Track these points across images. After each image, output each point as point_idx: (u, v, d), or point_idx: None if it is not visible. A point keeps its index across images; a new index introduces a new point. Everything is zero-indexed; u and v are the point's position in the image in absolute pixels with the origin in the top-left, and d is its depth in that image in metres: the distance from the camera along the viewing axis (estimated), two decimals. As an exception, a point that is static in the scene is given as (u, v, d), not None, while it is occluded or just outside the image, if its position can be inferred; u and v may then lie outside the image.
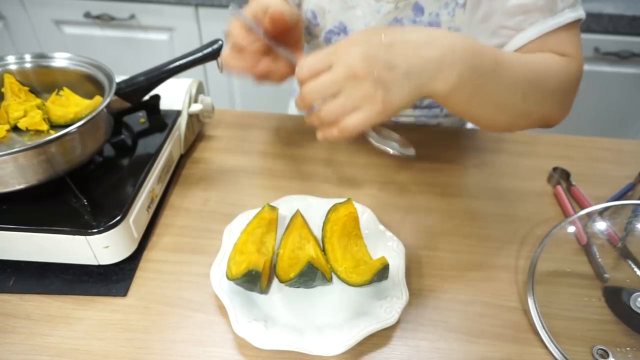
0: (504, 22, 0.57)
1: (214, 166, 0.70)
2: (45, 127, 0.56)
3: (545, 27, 0.54)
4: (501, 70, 0.44)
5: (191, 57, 0.60)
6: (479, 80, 0.43)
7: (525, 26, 0.55)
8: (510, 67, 0.46)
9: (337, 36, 0.71)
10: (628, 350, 0.46)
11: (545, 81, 0.51)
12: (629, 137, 1.51)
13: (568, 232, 0.58)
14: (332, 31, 0.71)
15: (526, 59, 0.50)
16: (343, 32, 0.70)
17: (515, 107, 0.49)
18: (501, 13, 0.57)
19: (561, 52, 0.55)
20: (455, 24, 0.63)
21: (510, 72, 0.46)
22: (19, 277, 0.52)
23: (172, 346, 0.46)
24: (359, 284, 0.49)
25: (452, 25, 0.63)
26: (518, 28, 0.56)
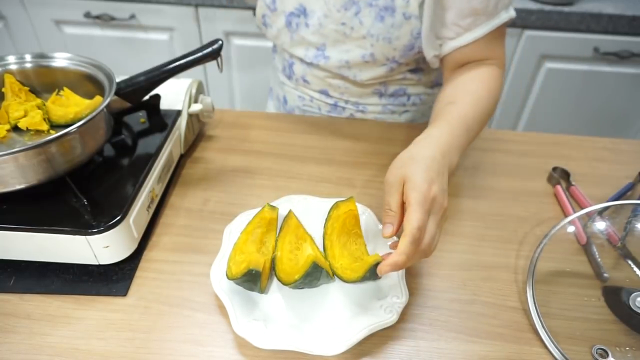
0: (457, 21, 0.63)
1: (214, 166, 0.70)
2: (46, 127, 0.56)
3: (487, 28, 0.62)
4: (471, 132, 0.57)
5: (191, 57, 0.60)
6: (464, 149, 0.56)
7: (472, 27, 0.63)
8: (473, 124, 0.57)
9: (297, 18, 0.72)
10: (627, 350, 0.47)
11: (493, 107, 0.62)
12: (628, 137, 1.51)
13: (568, 231, 0.58)
14: (293, 13, 0.71)
15: (479, 104, 0.59)
16: (302, 14, 0.71)
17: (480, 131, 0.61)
18: (456, 11, 0.62)
19: (492, 52, 0.65)
20: (409, 11, 0.65)
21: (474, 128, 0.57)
22: (19, 277, 0.52)
23: (172, 346, 0.46)
24: (352, 280, 0.49)
25: (407, 11, 0.65)
26: (466, 28, 0.63)
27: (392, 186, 0.47)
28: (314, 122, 0.81)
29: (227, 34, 1.45)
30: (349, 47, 0.71)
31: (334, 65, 0.74)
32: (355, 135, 0.77)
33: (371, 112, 0.82)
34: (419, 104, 0.83)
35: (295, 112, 0.88)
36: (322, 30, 0.71)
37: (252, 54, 1.49)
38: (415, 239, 0.42)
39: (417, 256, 0.44)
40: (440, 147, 0.50)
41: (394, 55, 0.70)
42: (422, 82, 0.80)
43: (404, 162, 0.48)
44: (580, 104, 1.48)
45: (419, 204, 0.43)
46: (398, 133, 0.78)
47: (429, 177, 0.45)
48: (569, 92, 1.45)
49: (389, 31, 0.67)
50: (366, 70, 0.73)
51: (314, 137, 0.76)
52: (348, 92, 0.80)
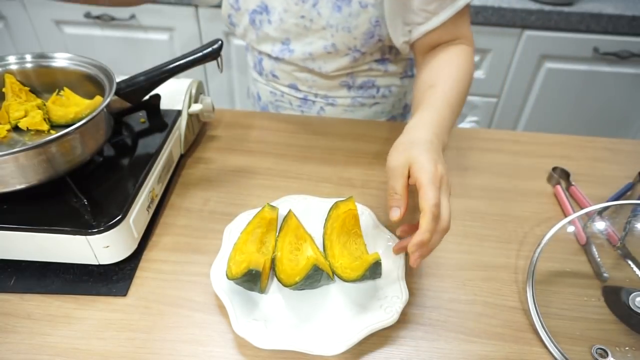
0: (423, 6, 0.65)
1: (214, 166, 0.70)
2: (46, 127, 0.56)
3: (453, 10, 0.65)
4: (455, 112, 0.59)
5: (191, 57, 0.60)
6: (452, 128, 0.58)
7: (439, 11, 0.65)
8: (456, 104, 0.60)
9: (260, 15, 0.73)
10: (627, 350, 0.47)
11: (469, 84, 0.65)
12: (628, 137, 1.51)
13: (567, 231, 0.58)
14: (255, 11, 0.73)
15: (458, 85, 0.62)
16: (264, 10, 0.73)
17: None
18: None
19: (460, 32, 0.68)
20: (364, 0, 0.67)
21: (457, 108, 0.60)
22: (20, 277, 0.52)
23: (172, 346, 0.46)
24: (352, 280, 0.49)
25: (362, 0, 0.67)
26: (434, 12, 0.66)
27: (396, 170, 0.48)
28: (314, 122, 0.81)
29: (227, 34, 1.45)
30: (311, 39, 0.73)
31: (298, 58, 0.75)
32: (355, 135, 0.77)
33: (341, 105, 0.84)
34: (389, 96, 0.85)
35: (268, 108, 0.90)
36: (284, 26, 0.72)
37: (252, 54, 1.49)
38: (435, 216, 0.44)
39: (439, 234, 0.45)
40: (433, 130, 0.52)
41: (354, 44, 0.71)
42: (389, 73, 0.81)
43: (405, 147, 0.49)
44: (580, 104, 1.48)
45: (431, 182, 0.45)
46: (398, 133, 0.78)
47: (433, 157, 0.47)
48: (569, 92, 1.45)
49: (347, 20, 0.68)
50: (330, 61, 0.75)
51: (314, 137, 0.76)
52: (316, 85, 0.81)
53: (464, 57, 0.66)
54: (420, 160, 0.47)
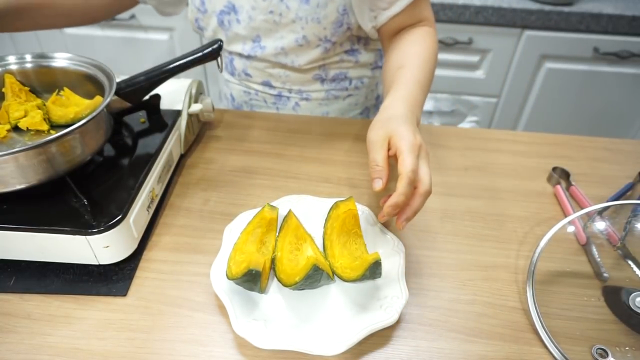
0: None
1: (214, 166, 0.70)
2: (46, 127, 0.56)
3: None
4: (424, 90, 0.63)
5: (191, 57, 0.60)
6: (423, 104, 0.62)
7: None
8: (425, 82, 0.63)
9: (228, 15, 0.74)
10: (627, 350, 0.47)
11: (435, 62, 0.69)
12: (628, 137, 1.51)
13: (568, 231, 0.58)
14: (223, 11, 0.74)
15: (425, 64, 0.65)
16: (232, 10, 0.73)
17: None
18: None
19: (422, 15, 0.71)
20: None
21: (426, 86, 0.64)
22: (20, 277, 0.52)
23: (172, 346, 0.46)
24: (352, 279, 0.49)
25: None
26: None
27: (376, 143, 0.50)
28: (314, 122, 0.81)
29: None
30: (281, 33, 0.73)
31: (270, 54, 0.76)
32: (355, 135, 0.77)
33: (315, 99, 0.85)
34: (361, 87, 0.86)
35: (243, 107, 0.91)
36: (253, 23, 0.73)
37: (252, 54, 1.49)
38: (411, 181, 0.47)
39: (420, 197, 0.48)
40: (407, 106, 0.55)
41: (325, 34, 0.72)
42: (360, 65, 0.82)
43: (384, 122, 0.52)
44: (580, 104, 1.48)
45: (410, 150, 0.48)
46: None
47: (411, 129, 0.50)
48: (569, 92, 1.46)
49: (315, 11, 0.69)
50: (302, 54, 0.76)
51: (314, 137, 0.76)
52: (290, 81, 0.82)
53: (428, 38, 0.69)
54: (400, 130, 0.50)
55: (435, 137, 0.78)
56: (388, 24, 0.72)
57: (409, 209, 0.48)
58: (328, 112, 0.87)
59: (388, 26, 0.72)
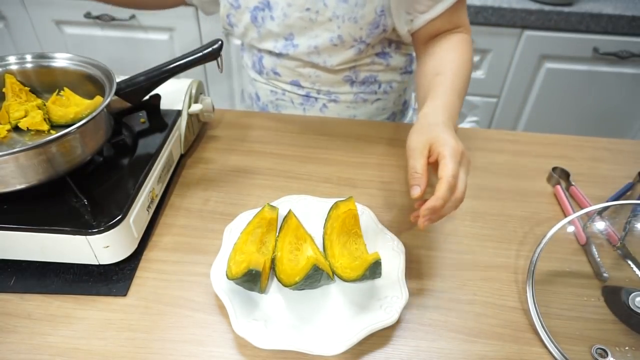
0: None
1: (214, 166, 0.70)
2: (46, 127, 0.56)
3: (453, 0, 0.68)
4: (461, 97, 0.63)
5: (191, 57, 0.60)
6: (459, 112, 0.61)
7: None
8: (461, 90, 0.64)
9: (262, 12, 0.73)
10: (627, 350, 0.47)
11: (470, 71, 0.69)
12: (628, 137, 1.51)
13: (567, 231, 0.58)
14: (257, 8, 0.72)
15: (461, 72, 0.65)
16: (266, 7, 0.72)
17: None
18: None
19: (459, 20, 0.71)
20: None
21: (462, 93, 0.64)
22: (20, 277, 0.52)
23: (173, 346, 0.46)
24: (352, 279, 0.49)
25: None
26: (436, 0, 0.68)
27: (416, 150, 0.50)
28: (314, 122, 0.81)
29: (227, 34, 1.45)
30: (316, 32, 0.72)
31: (303, 53, 0.75)
32: (356, 135, 0.77)
33: (343, 102, 0.83)
34: (390, 92, 0.85)
35: (268, 107, 0.89)
36: (287, 21, 0.72)
37: (252, 54, 1.49)
38: (451, 186, 0.46)
39: (452, 203, 0.48)
40: (447, 114, 0.55)
41: (360, 35, 0.71)
42: (391, 68, 0.82)
43: (425, 129, 0.52)
44: (580, 104, 1.48)
45: (452, 156, 0.47)
46: (398, 133, 0.78)
47: (453, 135, 0.50)
48: (569, 92, 1.45)
49: (353, 10, 0.68)
50: (335, 54, 0.75)
51: (314, 137, 0.76)
52: (319, 81, 0.81)
53: (464, 45, 0.69)
54: (442, 137, 0.49)
55: (435, 137, 0.77)
56: (424, 28, 0.71)
57: (440, 213, 0.48)
58: (355, 115, 0.85)
59: (424, 30, 0.71)
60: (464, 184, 0.48)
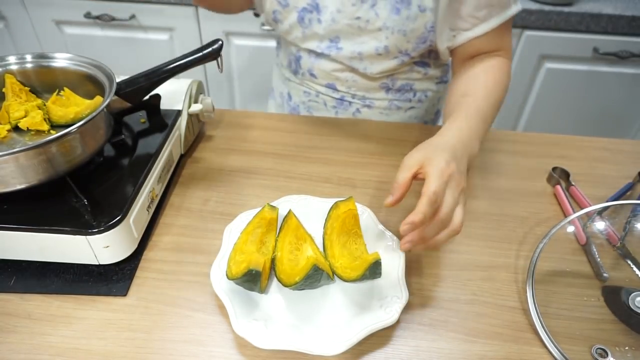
0: (473, 12, 0.66)
1: (214, 166, 0.70)
2: (46, 127, 0.56)
3: (501, 19, 0.66)
4: (486, 122, 0.61)
5: (191, 57, 0.60)
6: (483, 137, 0.60)
7: (488, 18, 0.66)
8: (488, 114, 0.61)
9: (310, 14, 0.72)
10: (627, 350, 0.47)
11: (503, 96, 0.67)
12: (628, 137, 1.51)
13: (567, 231, 0.58)
14: (305, 9, 0.71)
15: (491, 95, 0.63)
16: (315, 9, 0.71)
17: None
18: (473, 4, 0.65)
19: (501, 43, 0.69)
20: (425, 4, 0.66)
21: (489, 118, 0.62)
22: (20, 277, 0.52)
23: (173, 346, 0.46)
24: (352, 279, 0.49)
25: (422, 4, 0.66)
26: (482, 19, 0.66)
27: (406, 166, 0.49)
28: (314, 122, 0.81)
29: (227, 34, 1.46)
30: (363, 39, 0.71)
31: (346, 57, 0.74)
32: (356, 135, 0.77)
33: (377, 108, 0.83)
34: (424, 101, 0.84)
35: (299, 108, 0.88)
36: (335, 26, 0.71)
37: (252, 54, 1.49)
38: (432, 201, 0.45)
39: (437, 225, 0.46)
40: (459, 137, 0.53)
41: (407, 47, 0.71)
42: (428, 77, 0.81)
43: (424, 147, 0.51)
44: (580, 104, 1.48)
45: (436, 175, 0.46)
46: (398, 133, 0.78)
47: (447, 157, 0.48)
48: (569, 92, 1.46)
49: (404, 23, 0.68)
50: (378, 62, 0.74)
51: (314, 137, 0.76)
52: (355, 86, 0.80)
53: (500, 68, 0.67)
54: (433, 157, 0.48)
55: (435, 137, 0.78)
56: (464, 47, 0.69)
57: (432, 240, 0.47)
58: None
59: (464, 49, 0.70)
60: (448, 207, 0.46)
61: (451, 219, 0.47)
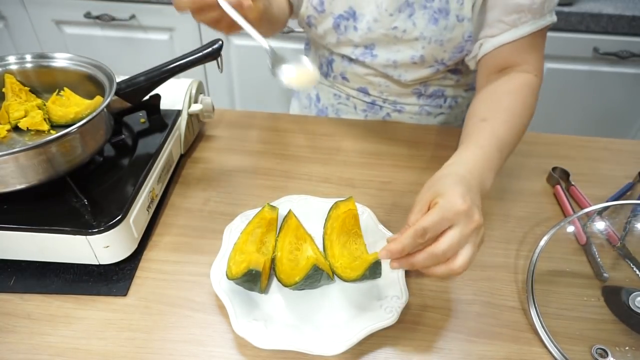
0: (501, 17, 0.62)
1: (214, 166, 0.70)
2: (46, 127, 0.56)
3: (532, 27, 0.61)
4: (503, 151, 0.55)
5: (191, 57, 0.60)
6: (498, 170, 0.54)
7: (517, 24, 0.62)
8: (506, 144, 0.55)
9: (347, 21, 0.71)
10: (627, 350, 0.47)
11: (527, 122, 0.61)
12: (628, 137, 1.51)
13: (567, 231, 0.58)
14: (342, 16, 0.70)
15: (512, 121, 0.57)
16: (352, 17, 0.70)
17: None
18: (501, 8, 0.62)
19: (532, 58, 0.64)
20: (463, 13, 0.65)
21: (507, 148, 0.56)
22: (20, 277, 0.52)
23: (173, 346, 0.46)
24: (352, 279, 0.49)
25: (460, 13, 0.65)
26: (512, 24, 0.62)
27: (417, 205, 0.45)
28: (314, 122, 0.81)
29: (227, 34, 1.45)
30: (399, 47, 0.71)
31: (380, 64, 0.74)
32: (355, 136, 0.77)
33: (408, 112, 0.82)
34: (454, 107, 0.83)
35: (327, 110, 0.88)
36: (371, 35, 0.70)
37: (252, 54, 1.49)
38: (417, 236, 0.41)
39: (429, 258, 0.42)
40: (471, 168, 0.49)
41: (442, 57, 0.70)
42: (459, 84, 0.80)
43: (435, 181, 0.47)
44: (580, 104, 1.48)
45: (441, 209, 0.42)
46: (398, 133, 0.78)
47: (462, 190, 0.43)
48: (569, 92, 1.45)
49: (441, 33, 0.67)
50: (412, 71, 0.74)
51: (314, 137, 0.76)
52: (388, 91, 0.79)
53: (527, 90, 0.61)
54: (445, 192, 0.44)
55: (436, 136, 0.77)
56: (491, 56, 0.64)
57: (427, 270, 0.43)
58: None
59: (491, 58, 0.65)
60: (448, 244, 0.41)
61: (451, 256, 0.42)
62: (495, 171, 0.52)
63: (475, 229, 0.43)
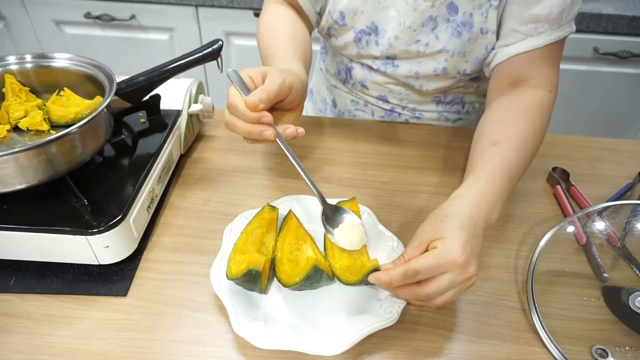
0: (517, 27, 0.61)
1: (214, 166, 0.70)
2: (46, 127, 0.56)
3: (549, 38, 0.60)
4: (513, 180, 0.53)
5: (191, 57, 0.60)
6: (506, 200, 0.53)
7: (534, 34, 0.60)
8: (516, 172, 0.54)
9: (368, 36, 0.70)
10: (627, 350, 0.47)
11: (538, 145, 0.58)
12: (628, 137, 1.51)
13: (567, 232, 0.58)
14: (364, 31, 0.70)
15: (524, 146, 0.55)
16: (374, 32, 0.70)
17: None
18: (517, 18, 0.61)
19: (547, 72, 0.62)
20: (487, 25, 0.64)
21: (517, 175, 0.54)
22: (20, 277, 0.52)
23: (173, 346, 0.46)
24: (350, 283, 0.49)
25: (484, 26, 0.64)
26: (528, 34, 0.61)
27: (417, 239, 0.46)
28: (314, 122, 0.81)
29: (227, 34, 1.45)
30: (421, 59, 0.70)
31: (402, 75, 0.73)
32: (356, 136, 0.77)
33: (426, 119, 0.82)
34: (472, 112, 0.83)
35: (344, 116, 0.87)
36: (392, 50, 0.70)
37: (252, 54, 1.49)
38: (408, 276, 0.43)
39: (414, 295, 0.44)
40: (478, 205, 0.48)
41: (464, 67, 0.69)
42: (479, 91, 0.80)
43: (437, 219, 0.46)
44: (580, 104, 1.48)
45: (438, 255, 0.42)
46: (398, 133, 0.78)
47: (464, 238, 0.43)
48: (569, 92, 1.46)
49: (464, 46, 0.66)
50: (434, 81, 0.73)
51: (314, 137, 0.76)
52: (408, 99, 0.79)
53: (538, 111, 0.58)
54: (447, 237, 0.43)
55: (437, 137, 0.78)
56: (505, 65, 0.63)
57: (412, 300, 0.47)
58: None
59: (504, 68, 0.63)
60: (437, 288, 0.42)
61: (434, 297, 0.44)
62: (502, 201, 0.51)
63: (467, 280, 0.44)
